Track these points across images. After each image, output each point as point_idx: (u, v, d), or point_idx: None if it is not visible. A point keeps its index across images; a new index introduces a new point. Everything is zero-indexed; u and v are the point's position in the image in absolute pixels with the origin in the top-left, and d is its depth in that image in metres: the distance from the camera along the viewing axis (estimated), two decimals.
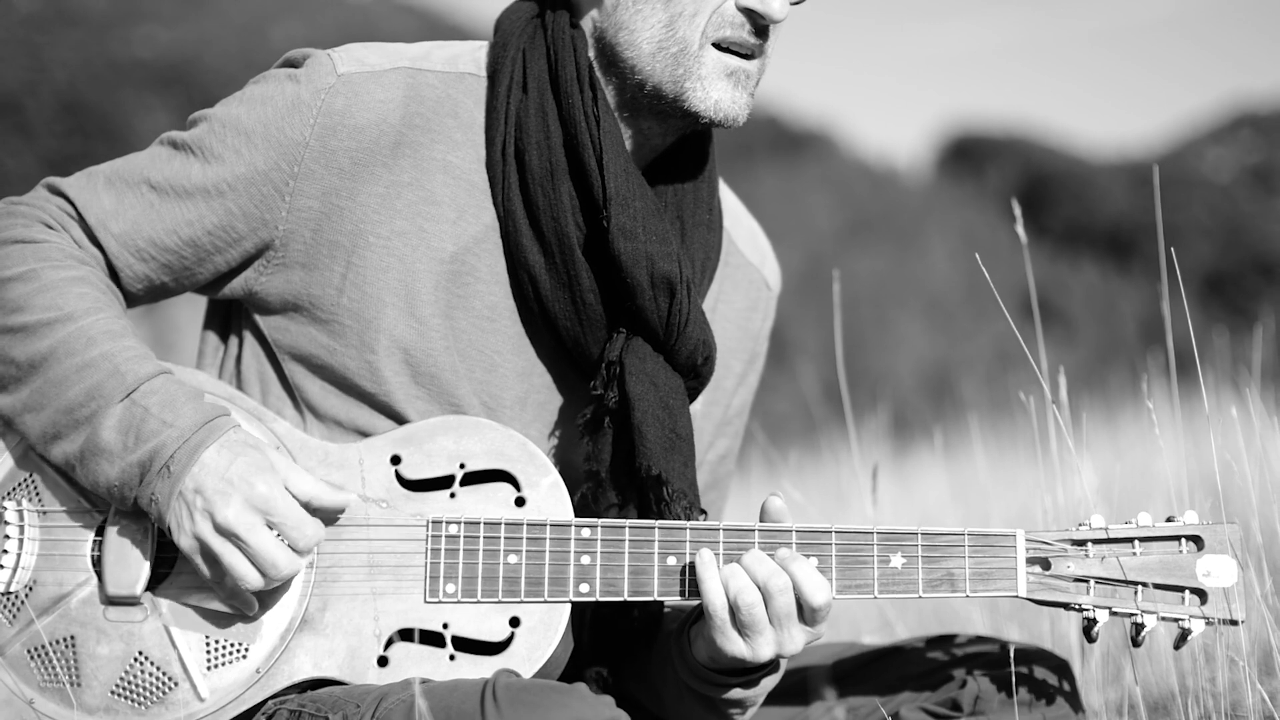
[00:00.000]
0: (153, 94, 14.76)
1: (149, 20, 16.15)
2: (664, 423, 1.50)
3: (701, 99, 1.50)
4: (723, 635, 1.41)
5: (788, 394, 10.36)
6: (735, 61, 1.50)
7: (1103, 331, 16.23)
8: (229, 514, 1.37)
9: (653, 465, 1.48)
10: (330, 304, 1.52)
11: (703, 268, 1.60)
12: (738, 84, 1.51)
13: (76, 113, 14.25)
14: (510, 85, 1.53)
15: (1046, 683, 1.57)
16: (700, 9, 1.49)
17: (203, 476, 1.39)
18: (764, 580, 1.40)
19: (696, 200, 1.59)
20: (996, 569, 1.45)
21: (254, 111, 1.51)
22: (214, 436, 1.41)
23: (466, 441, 1.48)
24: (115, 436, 1.41)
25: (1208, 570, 1.45)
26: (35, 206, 1.54)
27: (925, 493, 4.41)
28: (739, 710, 1.53)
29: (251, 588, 1.40)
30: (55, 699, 1.45)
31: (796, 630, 1.42)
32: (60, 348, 1.43)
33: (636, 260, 1.49)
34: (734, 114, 1.51)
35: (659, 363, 1.53)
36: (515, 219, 1.52)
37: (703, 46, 1.49)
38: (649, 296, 1.50)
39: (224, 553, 1.39)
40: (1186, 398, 2.37)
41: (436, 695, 1.35)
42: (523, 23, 1.57)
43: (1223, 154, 22.86)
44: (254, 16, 17.48)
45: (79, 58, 14.67)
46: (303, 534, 1.39)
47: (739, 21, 1.49)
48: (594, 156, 1.49)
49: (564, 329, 1.53)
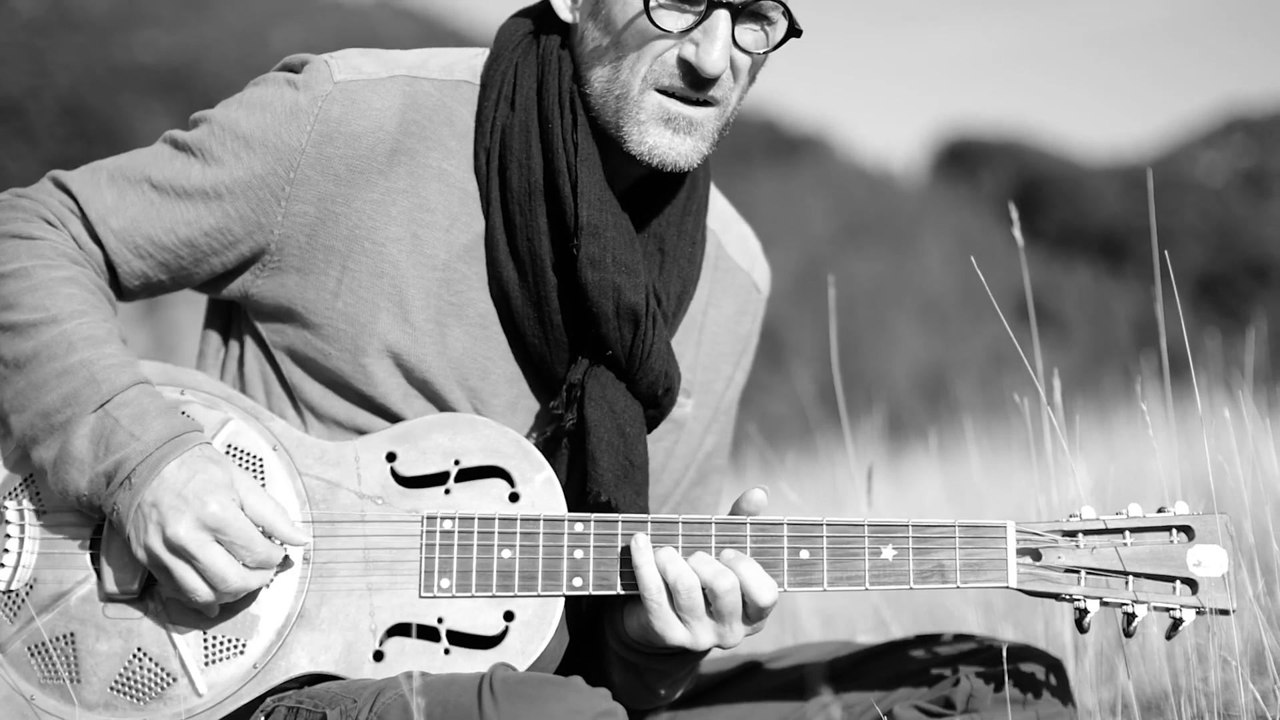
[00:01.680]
0: (154, 98, 14.77)
1: (150, 25, 16.16)
2: (619, 450, 1.51)
3: (638, 142, 1.49)
4: (660, 620, 1.43)
5: (784, 396, 10.37)
6: (676, 107, 1.48)
7: (1096, 334, 16.26)
8: (179, 530, 1.39)
9: (602, 492, 1.49)
10: (324, 309, 1.53)
11: (678, 299, 1.61)
12: (678, 130, 1.49)
13: (78, 116, 14.25)
14: (498, 99, 1.54)
15: (1039, 681, 1.58)
16: (643, 55, 1.48)
17: (160, 491, 1.40)
18: (710, 579, 1.42)
19: (680, 232, 1.59)
20: (987, 560, 1.45)
21: (253, 116, 1.52)
22: (178, 452, 1.42)
23: (461, 438, 1.49)
24: (87, 446, 1.42)
25: (1198, 560, 1.45)
26: (38, 201, 1.55)
27: (920, 494, 4.42)
28: (666, 681, 1.54)
29: (201, 600, 1.42)
30: (56, 695, 1.46)
31: (738, 625, 1.44)
32: (43, 350, 1.45)
33: (603, 290, 1.50)
34: (671, 159, 1.49)
35: (620, 389, 1.53)
36: (495, 232, 1.53)
37: (643, 92, 1.48)
38: (613, 325, 1.51)
39: (173, 566, 1.41)
40: (1180, 399, 2.38)
41: (434, 689, 1.36)
42: (519, 37, 1.58)
43: (1215, 158, 22.93)
44: (254, 21, 17.49)
45: (81, 62, 14.68)
46: (251, 553, 1.41)
47: (677, 72, 1.47)
48: (569, 183, 1.50)
49: (532, 345, 1.55)
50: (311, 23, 18.24)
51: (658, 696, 1.58)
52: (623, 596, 1.47)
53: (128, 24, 16.30)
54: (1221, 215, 21.17)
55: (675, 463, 1.70)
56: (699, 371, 1.69)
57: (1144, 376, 2.17)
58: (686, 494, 1.73)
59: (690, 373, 1.68)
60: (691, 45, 1.47)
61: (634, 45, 1.48)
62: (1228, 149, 23.40)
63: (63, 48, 15.04)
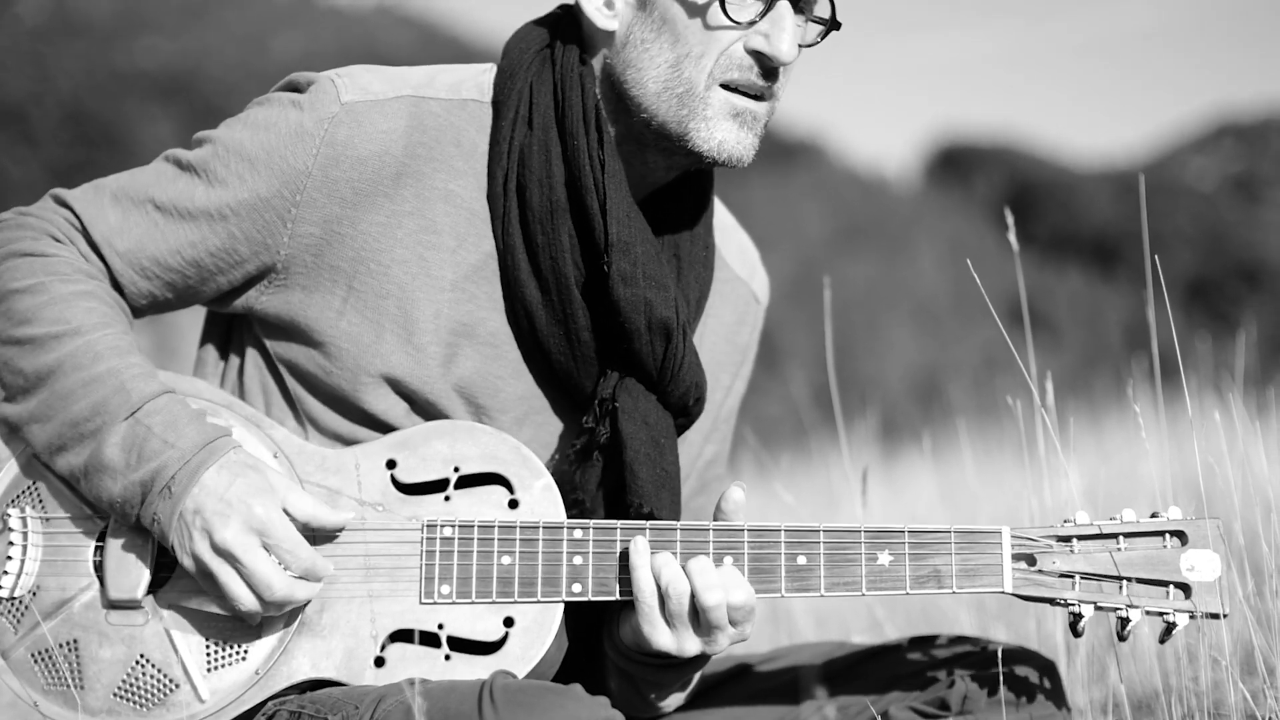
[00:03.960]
0: (155, 104, 14.76)
1: (152, 31, 16.15)
2: (655, 461, 1.52)
3: (705, 139, 1.49)
4: (649, 624, 1.44)
5: (779, 399, 10.38)
6: (743, 102, 1.49)
7: (1088, 337, 16.31)
8: (226, 535, 1.39)
9: (644, 503, 1.50)
10: (329, 327, 1.53)
11: (697, 304, 1.62)
12: (743, 125, 1.50)
13: (81, 122, 14.25)
14: (515, 119, 1.53)
15: (1032, 682, 1.59)
16: (708, 50, 1.48)
17: (202, 497, 1.40)
18: (699, 590, 1.42)
19: (694, 238, 1.60)
20: (983, 565, 1.47)
21: (257, 137, 1.52)
22: (214, 457, 1.42)
23: (460, 446, 1.50)
24: (119, 454, 1.42)
25: (1191, 565, 1.46)
26: (43, 219, 1.55)
27: (914, 495, 4.43)
28: (658, 690, 1.56)
29: (246, 609, 1.42)
30: (59, 702, 1.46)
31: (722, 636, 1.45)
32: (67, 361, 1.45)
33: (635, 306, 1.50)
34: (738, 154, 1.50)
35: (651, 402, 1.54)
36: (514, 253, 1.53)
37: (709, 88, 1.48)
38: (645, 341, 1.52)
39: (220, 573, 1.40)
40: (1170, 402, 2.40)
41: (434, 696, 1.36)
42: (531, 54, 1.56)
43: (1206, 163, 23.01)
44: (255, 28, 17.47)
45: (83, 68, 14.67)
46: (296, 558, 1.41)
47: (747, 64, 1.48)
48: (597, 200, 1.50)
49: (557, 363, 1.55)
50: (312, 30, 18.23)
51: (651, 706, 1.59)
52: (619, 603, 1.48)
53: (130, 30, 16.30)
54: (1212, 220, 21.24)
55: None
56: None
57: (1135, 379, 2.19)
58: (687, 503, 1.73)
59: None
60: (759, 36, 1.48)
61: (698, 40, 1.48)
62: (1218, 154, 23.49)
63: (65, 53, 15.04)
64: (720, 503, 1.48)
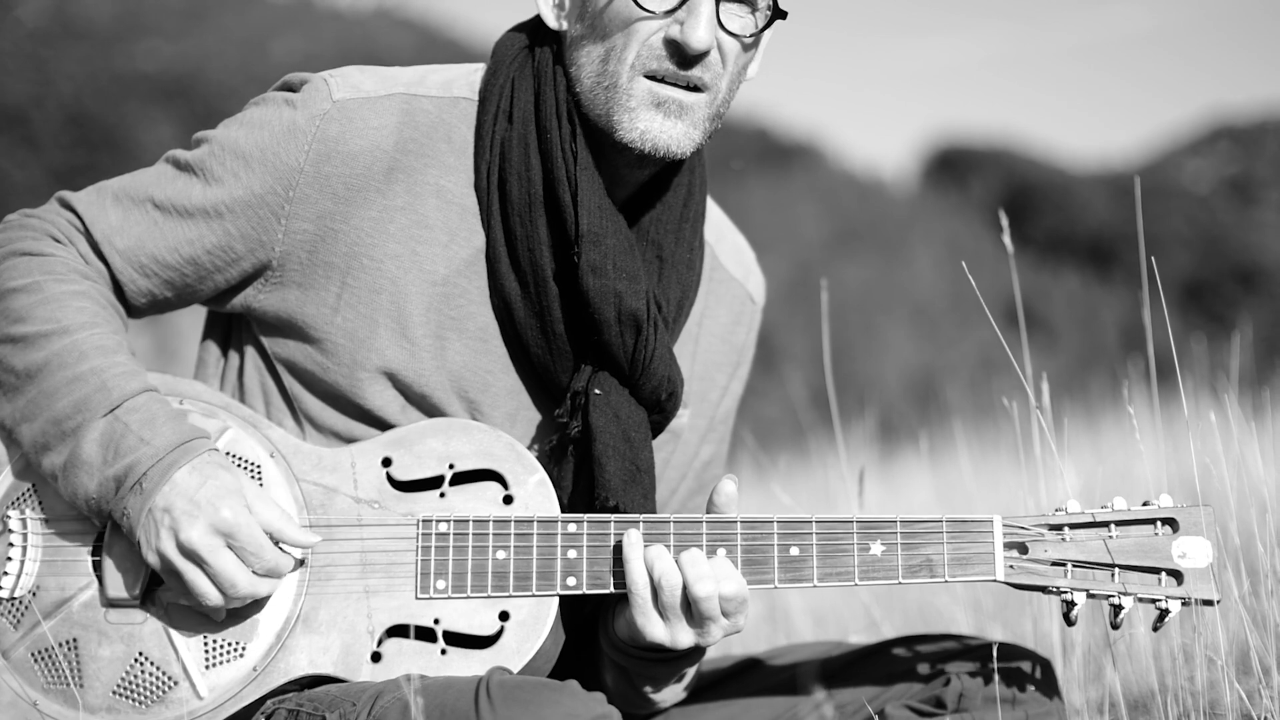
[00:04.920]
0: (156, 106, 14.77)
1: (153, 34, 16.15)
2: (625, 455, 1.52)
3: (629, 128, 1.50)
4: (643, 615, 1.45)
5: (777, 400, 10.39)
6: (666, 91, 1.49)
7: (1084, 338, 16.33)
8: (192, 535, 1.41)
9: (610, 497, 1.51)
10: (324, 323, 1.54)
11: (678, 305, 1.63)
12: (669, 114, 1.50)
13: (82, 125, 14.25)
14: (496, 113, 1.56)
15: (1028, 680, 1.59)
16: (629, 42, 1.50)
17: (173, 496, 1.42)
18: (691, 582, 1.43)
19: (679, 239, 1.61)
20: (974, 554, 1.47)
21: (252, 135, 1.54)
22: (188, 457, 1.44)
23: (455, 443, 1.51)
24: (96, 450, 1.44)
25: (1183, 552, 1.47)
26: (46, 220, 1.57)
27: (911, 495, 4.45)
28: (654, 684, 1.56)
29: (211, 604, 1.43)
30: (59, 700, 1.47)
31: (715, 628, 1.46)
32: (54, 360, 1.46)
33: (605, 297, 1.51)
34: (664, 143, 1.50)
35: (624, 396, 1.55)
36: (496, 246, 1.55)
37: (631, 79, 1.50)
38: (615, 332, 1.53)
39: (185, 571, 1.42)
40: (1166, 403, 2.40)
41: (431, 693, 1.37)
42: (515, 51, 1.59)
43: (1201, 165, 23.06)
44: (255, 31, 17.48)
45: (84, 71, 14.67)
46: (261, 560, 1.43)
47: (664, 53, 1.49)
48: (569, 192, 1.51)
49: (535, 356, 1.56)
50: (312, 33, 18.22)
51: (647, 700, 1.59)
52: (614, 597, 1.49)
53: (130, 33, 16.28)
54: (1207, 222, 21.28)
55: (671, 472, 1.72)
56: (694, 382, 1.71)
57: (1131, 380, 2.19)
58: (685, 504, 1.74)
59: (686, 383, 1.69)
60: (677, 25, 1.49)
61: (620, 33, 1.49)
62: (1213, 156, 23.54)
63: (66, 57, 15.04)
64: (713, 495, 1.49)
